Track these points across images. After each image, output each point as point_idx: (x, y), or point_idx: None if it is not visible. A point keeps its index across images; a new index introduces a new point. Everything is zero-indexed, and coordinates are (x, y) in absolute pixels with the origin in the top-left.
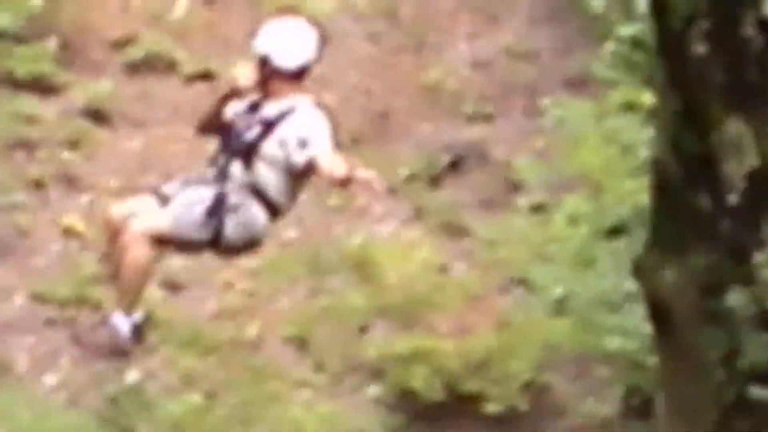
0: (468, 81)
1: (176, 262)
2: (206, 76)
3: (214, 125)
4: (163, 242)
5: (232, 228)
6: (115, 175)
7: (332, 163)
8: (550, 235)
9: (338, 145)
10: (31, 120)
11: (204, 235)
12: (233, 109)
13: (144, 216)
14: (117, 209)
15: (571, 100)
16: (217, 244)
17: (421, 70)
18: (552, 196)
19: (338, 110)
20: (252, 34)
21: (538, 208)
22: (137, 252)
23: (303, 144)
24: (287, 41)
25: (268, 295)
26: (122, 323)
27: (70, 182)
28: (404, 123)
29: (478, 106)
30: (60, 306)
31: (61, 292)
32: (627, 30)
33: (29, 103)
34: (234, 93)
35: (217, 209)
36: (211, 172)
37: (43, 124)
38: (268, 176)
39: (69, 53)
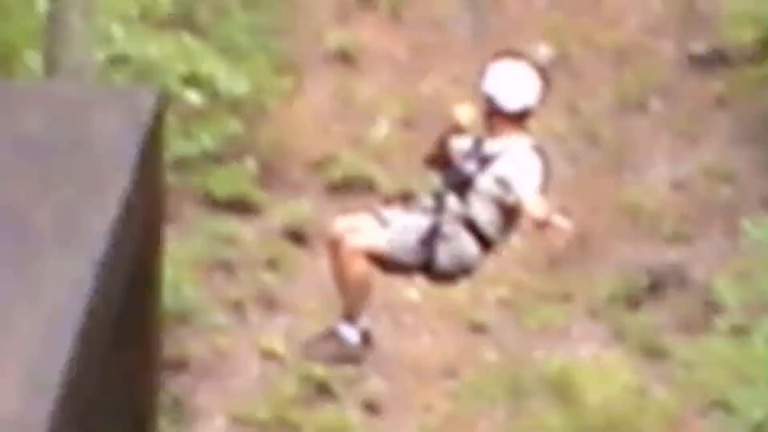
0: (667, 202)
1: (375, 384)
2: (405, 196)
3: (439, 159)
4: (377, 261)
5: (443, 256)
6: (314, 296)
7: (535, 204)
8: (750, 357)
9: (545, 189)
10: (230, 241)
11: (416, 260)
12: (458, 145)
13: (362, 233)
14: (339, 224)
15: None
16: (428, 269)
17: (620, 191)
18: (752, 317)
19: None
20: (479, 73)
21: (737, 330)
22: (356, 266)
23: (512, 183)
24: (511, 84)
25: (467, 417)
26: (349, 332)
27: (269, 303)
28: (603, 244)
29: (677, 226)
30: (260, 428)
31: (261, 414)
32: None
33: (229, 224)
34: (455, 130)
35: (431, 237)
36: (430, 203)
37: (243, 244)
38: (481, 210)
39: (268, 174)
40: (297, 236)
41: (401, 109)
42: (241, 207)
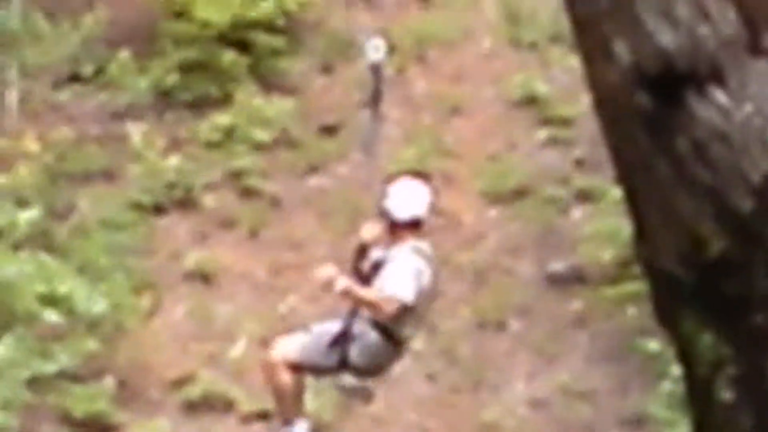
0: (525, 420)
1: None
2: (264, 415)
3: (358, 270)
4: (297, 367)
5: (355, 354)
6: None
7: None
8: None
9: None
10: None
11: (330, 361)
12: (373, 255)
13: (281, 344)
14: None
15: None
16: (345, 368)
17: (479, 410)
18: None
19: None
20: (380, 192)
21: None
22: (277, 376)
23: (384, 281)
24: (402, 197)
25: None
26: None
27: None
28: None
29: None
30: None
31: None
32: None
33: None
34: (363, 247)
35: (340, 339)
36: (347, 310)
37: None
38: None
39: (126, 393)
40: None
41: (259, 328)
42: (98, 426)
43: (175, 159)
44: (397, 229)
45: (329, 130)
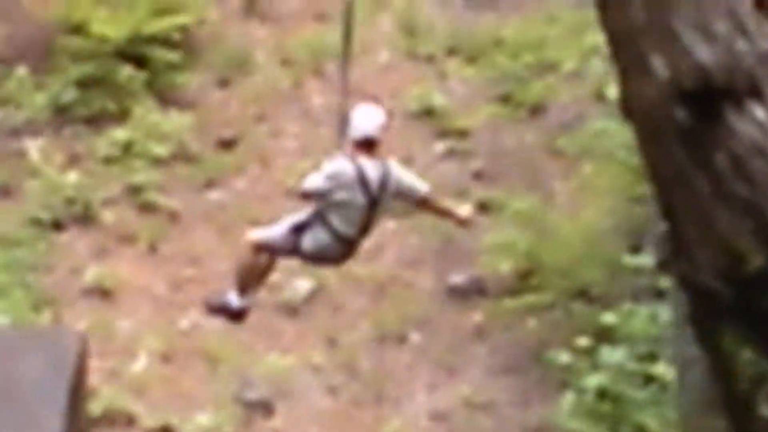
0: None
1: None
2: (165, 430)
3: None
4: (262, 248)
5: (306, 243)
6: None
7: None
8: None
9: None
10: None
11: (286, 245)
12: None
13: (256, 230)
14: None
15: None
16: (296, 252)
17: (381, 423)
18: None
19: None
20: (343, 120)
21: None
22: (242, 254)
23: None
24: (356, 120)
25: None
26: (233, 299)
27: None
28: None
29: None
30: None
31: None
32: (592, 380)
33: None
34: None
35: (299, 228)
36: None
37: None
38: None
39: None
40: None
41: (160, 343)
42: None
43: (73, 175)
44: (355, 148)
45: (227, 144)
